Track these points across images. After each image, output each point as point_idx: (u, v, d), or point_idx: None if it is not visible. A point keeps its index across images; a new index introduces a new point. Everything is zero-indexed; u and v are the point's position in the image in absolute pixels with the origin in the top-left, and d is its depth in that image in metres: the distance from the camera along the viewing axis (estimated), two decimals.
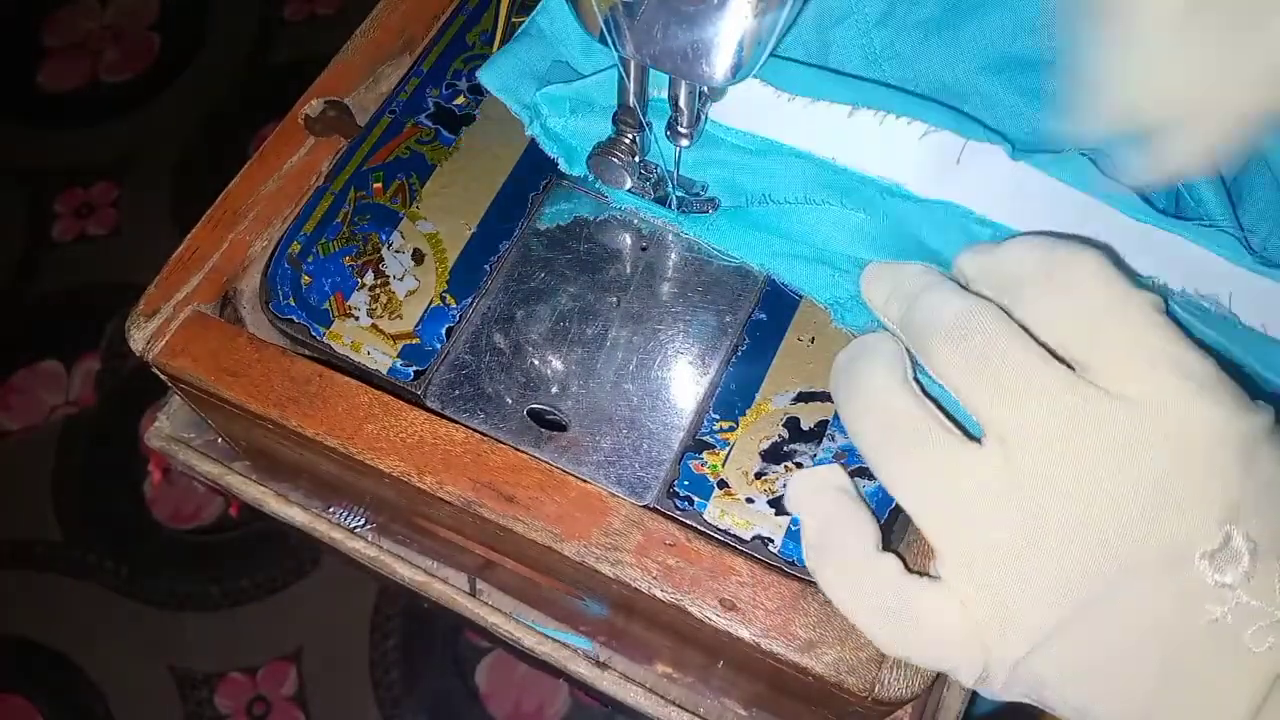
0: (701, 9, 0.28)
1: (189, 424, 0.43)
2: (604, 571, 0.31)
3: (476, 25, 0.41)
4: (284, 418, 0.33)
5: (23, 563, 0.95)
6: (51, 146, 1.16)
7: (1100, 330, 0.27)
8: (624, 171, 0.35)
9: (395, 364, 0.34)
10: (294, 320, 0.35)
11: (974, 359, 0.27)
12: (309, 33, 1.21)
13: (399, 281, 0.35)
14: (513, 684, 0.88)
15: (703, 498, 0.32)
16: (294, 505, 0.41)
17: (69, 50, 1.22)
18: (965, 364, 0.27)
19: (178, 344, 0.35)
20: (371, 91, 0.40)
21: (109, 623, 0.92)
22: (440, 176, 0.37)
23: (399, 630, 0.91)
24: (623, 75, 0.32)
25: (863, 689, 0.29)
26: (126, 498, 0.98)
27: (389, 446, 0.33)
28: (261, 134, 1.13)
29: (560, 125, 0.36)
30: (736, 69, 0.29)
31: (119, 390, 1.02)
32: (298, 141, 0.39)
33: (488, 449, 0.32)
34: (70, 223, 1.11)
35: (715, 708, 0.40)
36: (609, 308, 0.35)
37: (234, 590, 0.93)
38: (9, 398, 1.03)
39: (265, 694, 0.89)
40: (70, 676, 0.90)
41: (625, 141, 0.34)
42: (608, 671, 0.40)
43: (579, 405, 0.33)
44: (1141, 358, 0.26)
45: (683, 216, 0.36)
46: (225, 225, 0.37)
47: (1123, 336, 0.26)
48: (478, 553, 0.38)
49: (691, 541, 0.31)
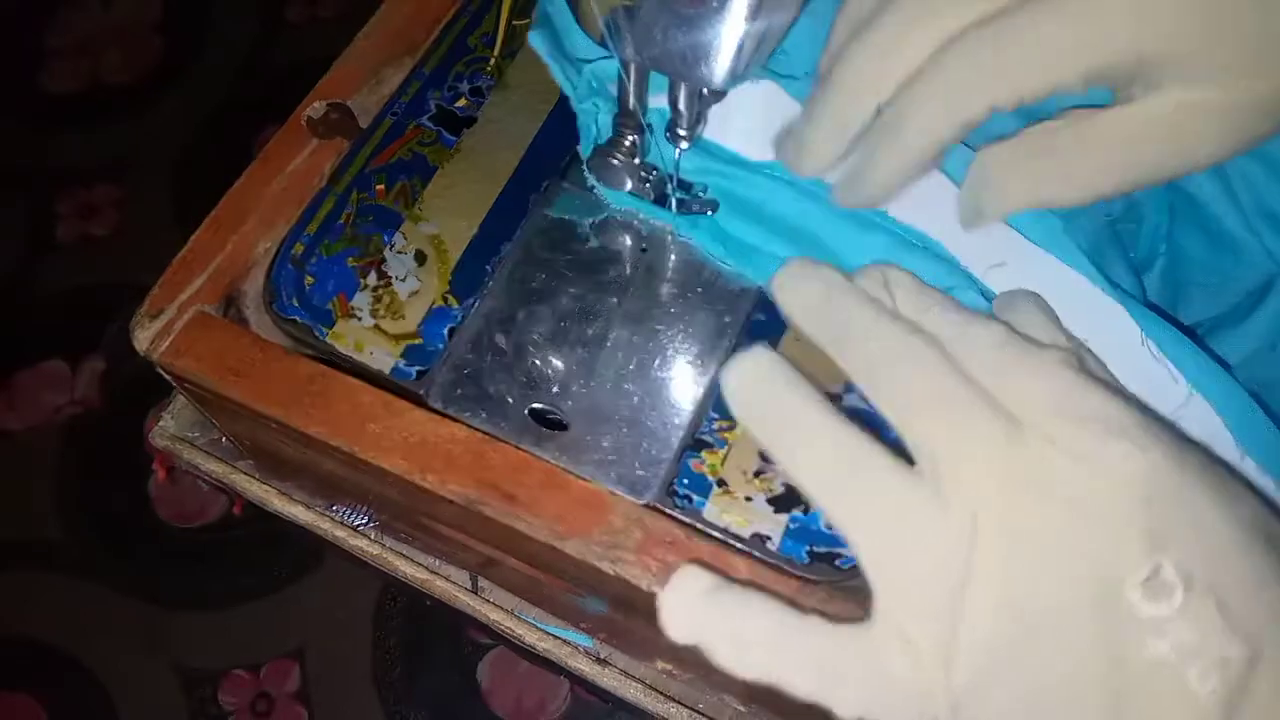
0: (701, 12, 0.28)
1: (193, 423, 0.43)
2: (604, 569, 0.31)
3: (478, 28, 0.41)
4: (288, 417, 0.34)
5: (27, 562, 0.96)
6: (53, 148, 1.16)
7: (1012, 388, 0.27)
8: (624, 173, 0.35)
9: (398, 364, 0.35)
10: (297, 321, 0.35)
11: (909, 384, 0.27)
12: (310, 35, 1.21)
13: (401, 282, 0.36)
14: (514, 680, 0.89)
15: (702, 496, 0.32)
16: (297, 504, 0.42)
17: (71, 52, 1.22)
18: (899, 388, 0.27)
19: (182, 344, 0.35)
20: (374, 94, 0.41)
21: (113, 621, 0.93)
22: (442, 178, 0.38)
23: (401, 628, 0.91)
24: (623, 77, 0.32)
25: None
26: (130, 497, 0.98)
27: (392, 446, 0.33)
28: (263, 135, 1.13)
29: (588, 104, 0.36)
30: (736, 72, 0.30)
31: (122, 390, 1.02)
32: (300, 143, 0.39)
33: (489, 448, 0.33)
34: (73, 224, 1.11)
35: (714, 703, 0.40)
36: (609, 308, 0.35)
37: (237, 588, 0.94)
38: (13, 397, 1.03)
39: (269, 691, 0.90)
40: (74, 675, 0.91)
41: (625, 143, 0.35)
42: (608, 668, 0.40)
43: (580, 405, 0.34)
44: (1055, 410, 0.26)
45: (682, 218, 0.36)
46: (228, 226, 0.38)
47: (1032, 391, 0.27)
48: (480, 550, 0.38)
49: (691, 539, 0.31)
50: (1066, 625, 0.25)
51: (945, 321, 0.29)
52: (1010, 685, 0.25)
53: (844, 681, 0.26)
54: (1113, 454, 0.26)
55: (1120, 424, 0.26)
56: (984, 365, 0.27)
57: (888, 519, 0.27)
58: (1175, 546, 0.25)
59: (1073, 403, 0.26)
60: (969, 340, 0.28)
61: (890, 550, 0.27)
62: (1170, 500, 0.25)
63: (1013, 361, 0.27)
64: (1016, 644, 0.25)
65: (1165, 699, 0.24)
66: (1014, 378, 0.27)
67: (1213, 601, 0.24)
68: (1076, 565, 0.25)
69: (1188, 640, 0.24)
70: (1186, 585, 0.24)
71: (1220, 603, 0.24)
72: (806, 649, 0.27)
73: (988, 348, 0.28)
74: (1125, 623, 0.25)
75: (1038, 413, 0.27)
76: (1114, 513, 0.25)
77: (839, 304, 0.29)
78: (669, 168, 0.36)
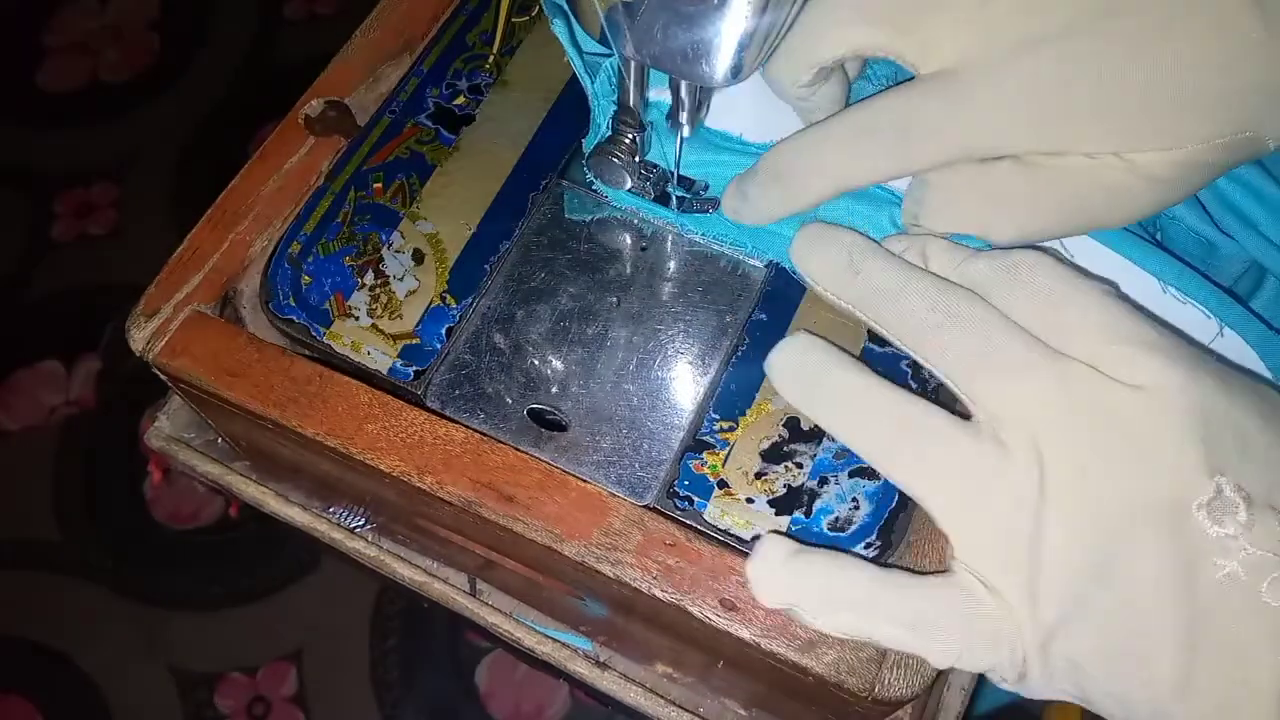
0: (701, 9, 0.28)
1: (189, 424, 0.43)
2: (604, 571, 0.31)
3: (476, 25, 0.41)
4: (284, 418, 0.33)
5: (22, 563, 0.95)
6: (51, 147, 1.16)
7: (1062, 315, 0.28)
8: (624, 171, 0.35)
9: (395, 364, 0.34)
10: (294, 320, 0.35)
11: (957, 344, 0.28)
12: (308, 32, 1.21)
13: (399, 281, 0.35)
14: (512, 684, 0.89)
15: (703, 498, 0.32)
16: (294, 505, 0.41)
17: (69, 50, 1.22)
18: (948, 349, 0.28)
19: (178, 344, 0.35)
20: (371, 92, 0.40)
21: (109, 623, 0.92)
22: (440, 176, 0.37)
23: (399, 630, 0.91)
24: (623, 75, 0.32)
25: (863, 689, 0.29)
26: (126, 498, 0.98)
27: (389, 446, 0.33)
28: (261, 134, 1.13)
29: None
30: (737, 69, 0.29)
31: (118, 390, 1.02)
32: (298, 141, 0.39)
33: (488, 449, 0.32)
34: (70, 223, 1.11)
35: (715, 708, 0.40)
36: (609, 308, 0.35)
37: (234, 590, 0.93)
38: (9, 398, 1.03)
39: (265, 694, 0.89)
40: (70, 676, 0.90)
41: (625, 141, 0.34)
42: (608, 672, 0.40)
43: (579, 405, 0.33)
44: (1104, 335, 0.27)
45: (683, 216, 0.36)
46: (225, 225, 0.37)
47: (1082, 317, 0.28)
48: (478, 553, 0.38)
49: (691, 541, 0.31)
50: (1138, 552, 0.26)
51: (988, 265, 0.29)
52: (1092, 615, 0.26)
53: (936, 633, 0.27)
54: (1167, 379, 0.26)
55: (1170, 350, 0.27)
56: (1035, 299, 0.28)
57: (956, 474, 0.28)
58: (1233, 467, 0.26)
59: (1125, 330, 0.27)
60: (1017, 279, 0.29)
61: (963, 503, 0.28)
62: (1222, 422, 0.26)
63: (1062, 294, 0.28)
64: (1094, 576, 0.26)
65: (1241, 615, 0.25)
66: (1066, 309, 0.28)
67: (1275, 517, 0.25)
68: (1142, 493, 0.26)
69: (1256, 556, 0.25)
70: (1248, 503, 0.25)
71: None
72: (895, 605, 0.28)
73: (1037, 283, 0.28)
74: (1194, 544, 0.25)
75: (1092, 341, 0.27)
76: (1172, 438, 0.26)
77: (865, 264, 0.30)
78: (670, 165, 0.35)
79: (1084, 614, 0.26)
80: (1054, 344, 0.28)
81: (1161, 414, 0.26)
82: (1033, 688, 0.27)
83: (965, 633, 0.27)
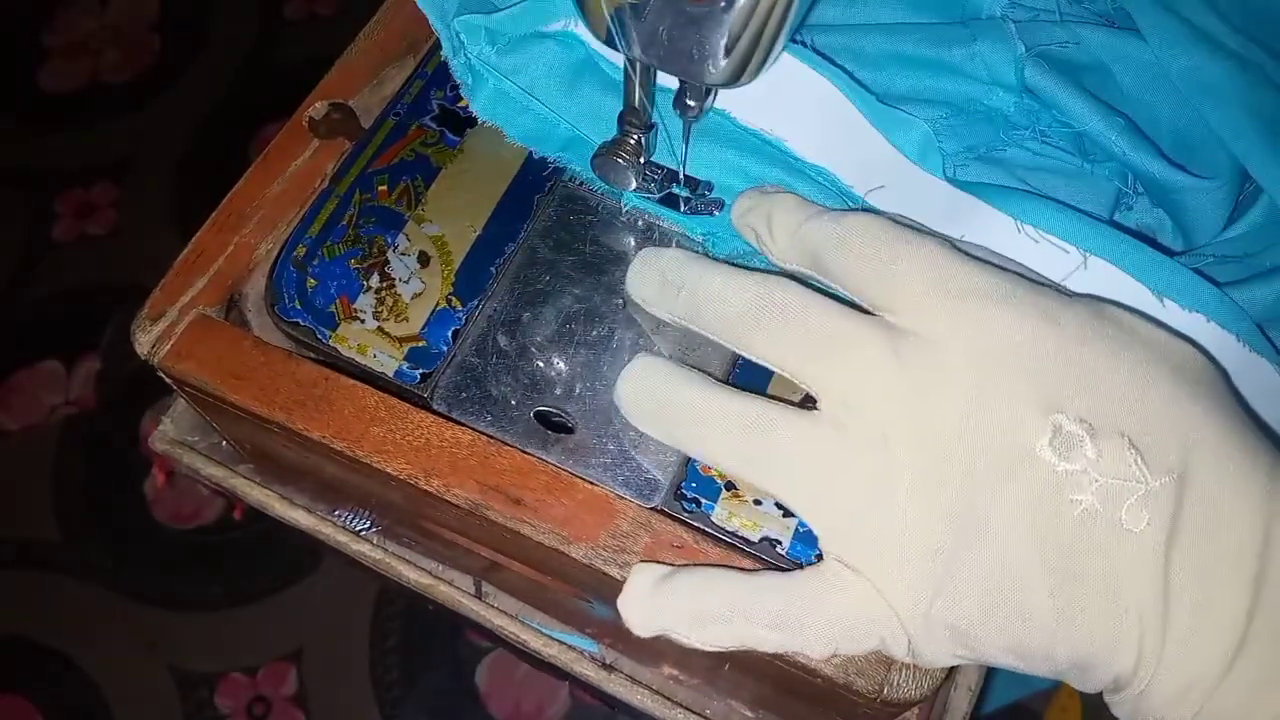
0: (708, 11, 0.28)
1: (193, 427, 0.43)
2: (611, 574, 0.31)
3: None
4: (290, 421, 0.33)
5: (23, 563, 0.95)
6: (52, 147, 1.16)
7: (889, 273, 0.28)
8: (629, 172, 0.35)
9: (401, 367, 0.34)
10: (299, 323, 0.35)
11: (781, 333, 0.28)
12: (309, 33, 1.20)
13: (404, 284, 0.35)
14: (513, 684, 0.89)
15: (710, 500, 0.32)
16: (299, 509, 0.41)
17: (69, 50, 1.22)
18: (774, 340, 0.29)
19: (183, 347, 0.35)
20: (375, 94, 0.40)
21: (109, 623, 0.92)
22: (445, 179, 0.37)
23: (399, 631, 0.91)
24: (629, 75, 0.32)
25: (871, 690, 0.29)
26: (127, 498, 0.98)
27: (396, 449, 0.33)
28: (262, 135, 1.13)
29: (478, 57, 0.36)
30: (743, 72, 0.29)
31: (119, 390, 1.02)
32: (302, 144, 0.39)
33: (494, 451, 0.32)
34: (70, 223, 1.11)
35: (722, 709, 0.40)
36: (614, 309, 0.35)
37: (234, 590, 0.93)
38: (9, 398, 1.03)
39: (265, 694, 0.89)
40: (70, 676, 0.90)
41: (631, 142, 0.34)
42: (614, 674, 0.40)
43: (586, 407, 0.33)
44: (930, 288, 0.27)
45: (688, 217, 0.36)
46: (230, 228, 0.37)
47: (908, 272, 0.28)
48: (483, 555, 0.38)
49: (699, 543, 0.31)
50: (994, 506, 0.26)
51: (819, 231, 0.30)
52: (963, 578, 0.26)
53: (805, 627, 0.27)
54: (990, 325, 0.27)
55: (994, 293, 0.27)
56: (864, 261, 0.28)
57: (803, 465, 0.28)
58: (1070, 402, 0.26)
59: (953, 281, 0.27)
60: (846, 240, 0.29)
61: (815, 492, 0.28)
62: (1055, 358, 0.26)
63: (890, 254, 0.28)
64: (956, 539, 0.26)
65: (1106, 545, 0.25)
66: (893, 268, 0.28)
67: (1121, 442, 0.25)
68: (984, 446, 0.26)
69: (1108, 485, 0.25)
70: (1092, 435, 0.25)
71: (1130, 442, 0.25)
72: (759, 609, 0.28)
73: (865, 243, 0.29)
74: (1046, 485, 0.25)
75: (919, 297, 0.27)
76: (1002, 384, 0.26)
77: (685, 278, 0.31)
78: (676, 165, 0.35)
79: (954, 578, 0.26)
80: (885, 305, 0.28)
81: (988, 362, 0.26)
82: (925, 659, 0.27)
83: (833, 623, 0.27)
